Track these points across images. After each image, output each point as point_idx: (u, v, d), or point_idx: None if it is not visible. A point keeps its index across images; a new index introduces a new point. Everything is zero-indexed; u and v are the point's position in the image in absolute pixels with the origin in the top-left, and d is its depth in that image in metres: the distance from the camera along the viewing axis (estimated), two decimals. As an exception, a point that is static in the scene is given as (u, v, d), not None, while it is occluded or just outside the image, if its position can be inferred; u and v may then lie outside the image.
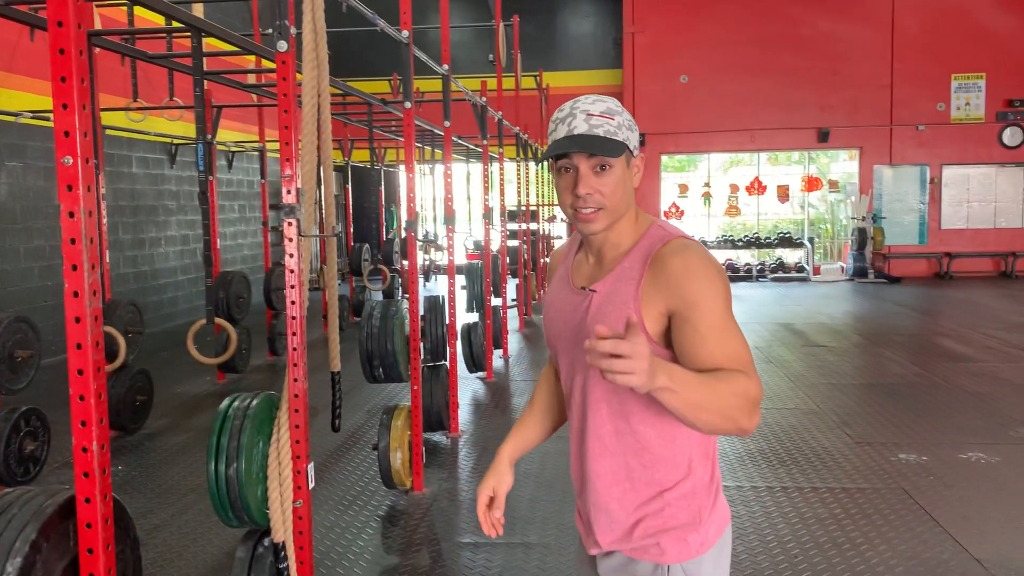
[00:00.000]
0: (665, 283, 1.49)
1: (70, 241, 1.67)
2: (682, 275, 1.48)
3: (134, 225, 10.22)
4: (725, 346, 1.46)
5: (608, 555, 1.66)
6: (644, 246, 1.56)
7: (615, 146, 1.52)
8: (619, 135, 1.53)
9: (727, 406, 1.39)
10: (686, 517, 1.57)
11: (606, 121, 1.53)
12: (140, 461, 5.19)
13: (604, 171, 1.53)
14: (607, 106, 1.55)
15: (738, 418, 1.41)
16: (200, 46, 3.94)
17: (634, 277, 1.54)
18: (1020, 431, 5.48)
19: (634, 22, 16.66)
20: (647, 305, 1.51)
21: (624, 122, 1.55)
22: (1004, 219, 16.49)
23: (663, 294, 1.50)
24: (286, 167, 2.72)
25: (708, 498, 1.60)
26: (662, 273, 1.50)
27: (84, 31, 1.66)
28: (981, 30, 16.03)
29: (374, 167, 11.61)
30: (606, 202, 1.54)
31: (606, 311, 1.55)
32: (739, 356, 1.47)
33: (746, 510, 4.21)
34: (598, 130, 1.52)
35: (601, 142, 1.51)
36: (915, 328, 10.22)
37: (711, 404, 1.38)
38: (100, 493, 1.71)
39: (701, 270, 1.49)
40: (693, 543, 1.57)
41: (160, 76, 8.85)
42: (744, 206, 17.49)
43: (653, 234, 1.58)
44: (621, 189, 1.55)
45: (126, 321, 5.58)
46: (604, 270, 1.60)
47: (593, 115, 1.53)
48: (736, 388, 1.41)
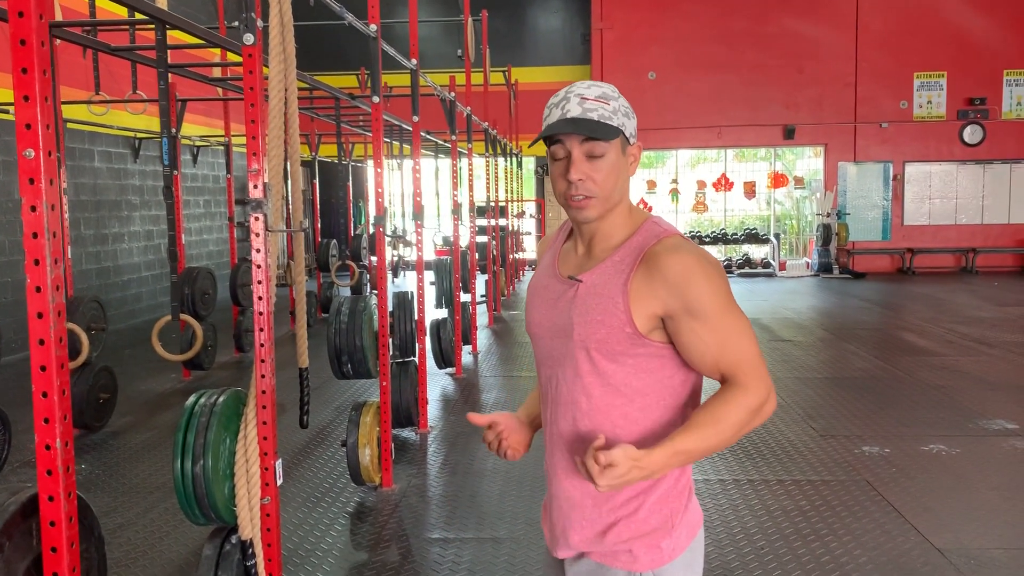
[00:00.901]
0: (662, 284, 1.48)
1: (32, 235, 1.65)
2: (681, 279, 1.47)
3: (96, 220, 10.06)
4: (728, 352, 1.48)
5: (577, 559, 1.62)
6: (637, 241, 1.54)
7: (609, 130, 1.49)
8: (614, 120, 1.50)
9: (733, 434, 1.47)
10: (658, 521, 1.56)
11: (601, 105, 1.50)
12: (104, 459, 5.12)
13: (597, 157, 1.51)
14: (603, 91, 1.53)
15: (748, 430, 1.49)
16: (164, 38, 3.88)
17: (624, 271, 1.51)
18: (979, 423, 5.60)
19: (602, 18, 16.71)
20: (636, 301, 1.49)
21: (620, 107, 1.52)
22: (964, 215, 16.80)
23: (659, 296, 1.48)
24: (253, 161, 2.69)
25: (681, 502, 1.58)
26: (657, 272, 1.48)
27: (46, 22, 1.63)
28: (943, 29, 16.31)
29: (342, 162, 11.53)
30: (598, 189, 1.51)
31: (590, 302, 1.53)
32: (743, 359, 1.48)
33: (713, 503, 4.25)
34: (592, 114, 1.50)
35: (594, 125, 1.49)
36: (878, 323, 10.39)
37: (718, 443, 1.47)
38: (64, 491, 1.69)
39: (700, 272, 1.48)
40: (666, 548, 1.55)
41: (123, 69, 8.69)
42: (711, 202, 17.64)
43: (647, 229, 1.56)
44: (614, 177, 1.52)
45: (89, 318, 5.49)
46: (593, 261, 1.58)
47: (588, 99, 1.51)
48: (736, 417, 1.46)
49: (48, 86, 1.63)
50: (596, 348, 1.52)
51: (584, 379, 1.55)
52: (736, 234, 17.30)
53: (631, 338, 1.50)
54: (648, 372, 1.53)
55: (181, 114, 7.74)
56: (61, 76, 7.39)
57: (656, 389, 1.54)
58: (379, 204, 4.43)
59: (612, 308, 1.50)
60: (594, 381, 1.54)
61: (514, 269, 14.83)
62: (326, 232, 16.69)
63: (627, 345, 1.51)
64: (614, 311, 1.50)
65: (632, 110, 1.57)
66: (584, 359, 1.54)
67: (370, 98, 4.44)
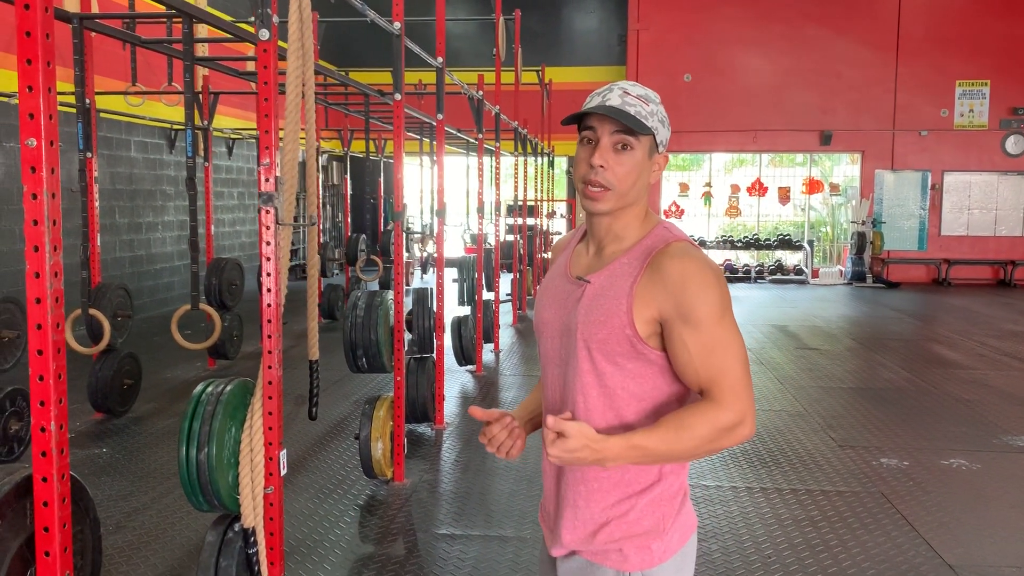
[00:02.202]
0: (661, 287, 1.48)
1: (32, 222, 1.69)
2: (677, 283, 1.47)
3: (131, 209, 10.23)
4: (711, 366, 1.46)
5: (568, 557, 1.64)
6: (646, 245, 1.55)
7: (641, 127, 1.51)
8: (649, 121, 1.52)
9: (695, 447, 1.45)
10: (650, 523, 1.56)
11: (640, 104, 1.52)
12: (125, 444, 5.21)
13: (624, 150, 1.52)
14: (646, 93, 1.55)
15: (715, 448, 1.46)
16: (191, 31, 3.95)
17: (631, 274, 1.52)
18: (1004, 439, 5.49)
19: (639, 19, 16.63)
20: (639, 305, 1.49)
21: (657, 113, 1.54)
22: (1004, 227, 16.47)
23: (658, 299, 1.48)
24: (265, 155, 2.73)
25: (674, 505, 1.58)
26: (658, 275, 1.49)
27: (51, 14, 1.67)
28: (986, 37, 15.99)
29: (370, 158, 11.60)
30: (616, 182, 1.52)
31: (596, 303, 1.54)
32: (724, 375, 1.46)
33: (724, 510, 4.22)
34: (630, 108, 1.51)
35: (629, 118, 1.50)
36: (909, 334, 10.22)
37: (679, 451, 1.45)
38: (57, 472, 1.73)
39: (698, 278, 1.47)
40: (656, 550, 1.56)
41: (161, 61, 8.86)
42: (745, 207, 17.47)
43: (656, 234, 1.56)
44: (635, 175, 1.53)
45: (115, 305, 5.59)
46: (602, 262, 1.59)
47: (630, 95, 1.53)
48: (702, 429, 1.44)
49: (52, 77, 1.67)
50: (597, 348, 1.53)
51: (583, 378, 1.56)
52: (769, 240, 17.12)
53: (630, 340, 1.50)
54: (645, 378, 1.54)
55: (213, 106, 7.85)
56: (101, 67, 7.54)
57: (652, 396, 1.54)
58: (398, 200, 4.46)
59: (616, 309, 1.51)
60: (592, 381, 1.55)
61: (542, 268, 14.82)
62: (356, 227, 16.81)
63: (626, 347, 1.51)
64: (617, 312, 1.51)
65: (668, 121, 1.58)
66: (585, 358, 1.55)
67: (393, 95, 4.47)
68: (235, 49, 10.26)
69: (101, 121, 9.09)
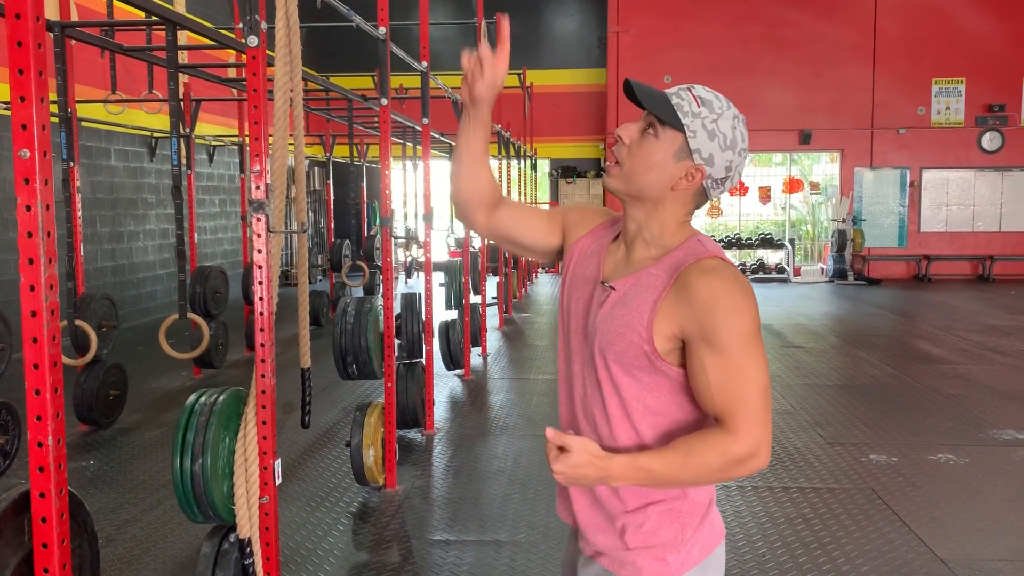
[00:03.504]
0: (687, 306, 1.41)
1: (26, 235, 1.66)
2: (705, 304, 1.39)
3: (112, 218, 10.14)
4: (729, 393, 1.39)
5: (588, 562, 1.58)
6: (676, 257, 1.47)
7: (670, 115, 1.42)
8: (687, 119, 1.43)
9: (702, 474, 1.40)
10: (669, 534, 1.49)
11: (691, 102, 1.44)
12: (112, 456, 5.16)
13: (648, 135, 1.46)
14: (709, 99, 1.45)
15: (723, 479, 1.41)
16: (175, 39, 3.92)
17: (657, 287, 1.45)
18: (989, 433, 5.55)
19: (618, 22, 16.69)
20: (661, 321, 1.43)
21: (707, 120, 1.43)
22: (982, 223, 16.65)
23: (682, 317, 1.41)
24: (255, 162, 2.71)
25: (696, 516, 1.51)
26: (684, 293, 1.41)
27: (43, 24, 1.65)
28: (961, 35, 16.18)
29: (354, 163, 11.57)
30: (626, 160, 1.48)
31: (617, 311, 1.48)
32: (741, 405, 1.38)
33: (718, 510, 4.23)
34: (674, 98, 1.44)
35: (662, 103, 1.43)
36: (892, 330, 10.31)
37: (683, 477, 1.40)
38: (55, 488, 1.71)
39: (727, 300, 1.39)
40: (673, 563, 1.49)
41: (141, 68, 8.79)
42: (726, 207, 17.57)
43: (688, 247, 1.48)
44: (647, 164, 1.46)
45: (100, 315, 5.54)
46: (629, 268, 1.52)
47: (691, 91, 1.45)
48: (711, 457, 1.38)
49: (44, 87, 1.65)
50: (613, 359, 1.48)
51: (602, 386, 1.51)
52: (751, 239, 17.22)
53: (647, 356, 1.45)
54: (662, 393, 1.48)
55: (195, 114, 7.80)
56: (79, 75, 7.47)
57: (668, 411, 1.49)
58: (386, 205, 4.45)
59: (636, 323, 1.45)
60: (609, 390, 1.50)
61: (526, 271, 14.83)
62: (340, 233, 16.75)
63: (643, 362, 1.46)
64: (637, 327, 1.45)
65: (729, 143, 1.45)
66: (601, 366, 1.51)
67: (379, 100, 4.46)
68: (215, 56, 10.20)
69: (81, 130, 9.01)
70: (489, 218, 1.70)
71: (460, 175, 1.66)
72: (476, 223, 1.72)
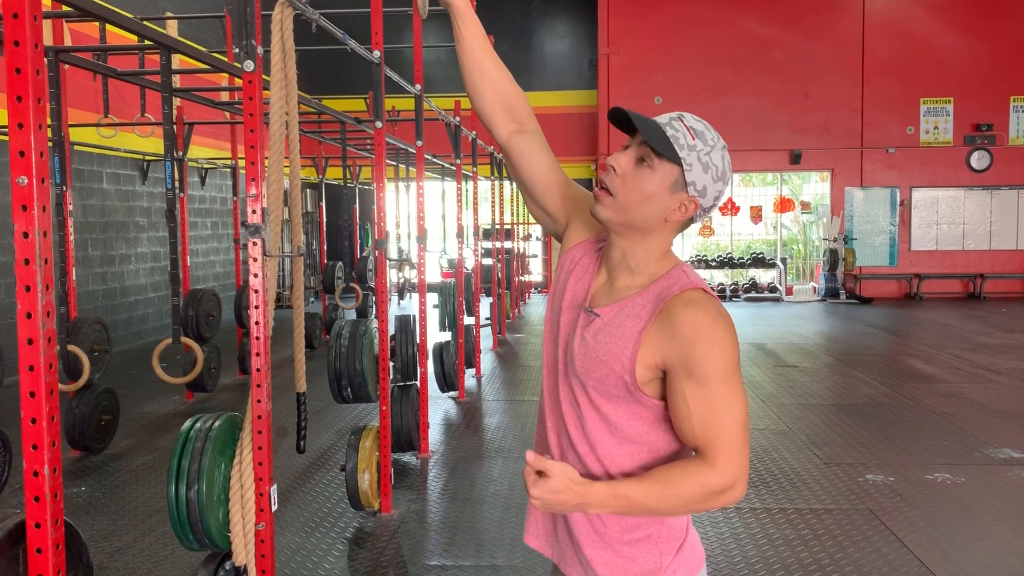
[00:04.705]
0: (670, 337, 1.41)
1: (24, 261, 1.65)
2: (688, 335, 1.39)
3: (104, 241, 10.11)
4: (710, 425, 1.39)
5: None
6: (660, 286, 1.47)
7: (668, 149, 1.42)
8: (683, 153, 1.42)
9: (679, 504, 1.40)
10: (650, 563, 1.50)
11: (686, 134, 1.43)
12: (104, 482, 5.10)
13: (643, 166, 1.44)
14: (702, 129, 1.45)
15: (701, 508, 1.41)
16: (169, 63, 3.92)
17: (642, 317, 1.45)
18: (985, 451, 5.55)
19: (609, 44, 16.82)
20: (644, 352, 1.43)
21: (702, 151, 1.43)
22: (972, 241, 16.75)
23: (664, 348, 1.42)
24: (251, 186, 2.71)
25: (675, 542, 1.52)
26: (669, 326, 1.41)
27: (41, 51, 1.65)
28: (948, 55, 16.36)
29: (347, 185, 11.58)
30: (620, 191, 1.45)
31: (600, 339, 1.47)
32: (721, 438, 1.39)
33: (715, 531, 4.21)
34: (668, 130, 1.43)
35: (659, 135, 1.42)
36: (885, 348, 10.33)
37: (661, 507, 1.40)
38: (51, 518, 1.68)
39: (709, 333, 1.39)
40: None
41: (133, 92, 8.80)
42: (718, 226, 17.64)
43: (672, 277, 1.48)
44: (643, 196, 1.44)
45: (92, 339, 5.50)
46: (613, 295, 1.51)
47: (682, 121, 1.44)
48: (690, 488, 1.38)
49: (43, 114, 1.65)
50: (593, 386, 1.48)
51: (582, 412, 1.51)
52: (742, 258, 17.28)
53: (627, 386, 1.45)
54: (640, 422, 1.48)
55: (188, 137, 7.80)
56: (71, 99, 7.46)
57: (646, 440, 1.49)
58: (381, 228, 4.44)
59: (619, 353, 1.45)
60: (590, 417, 1.50)
61: (519, 292, 14.83)
62: (332, 255, 16.74)
63: (623, 391, 1.46)
64: (619, 357, 1.45)
65: (720, 175, 1.46)
66: (580, 392, 1.51)
67: (373, 122, 4.47)
68: (207, 79, 10.21)
69: (73, 153, 9.00)
70: (511, 135, 1.69)
71: (471, 83, 1.68)
72: (497, 131, 1.70)
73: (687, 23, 16.68)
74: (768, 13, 16.54)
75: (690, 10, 16.67)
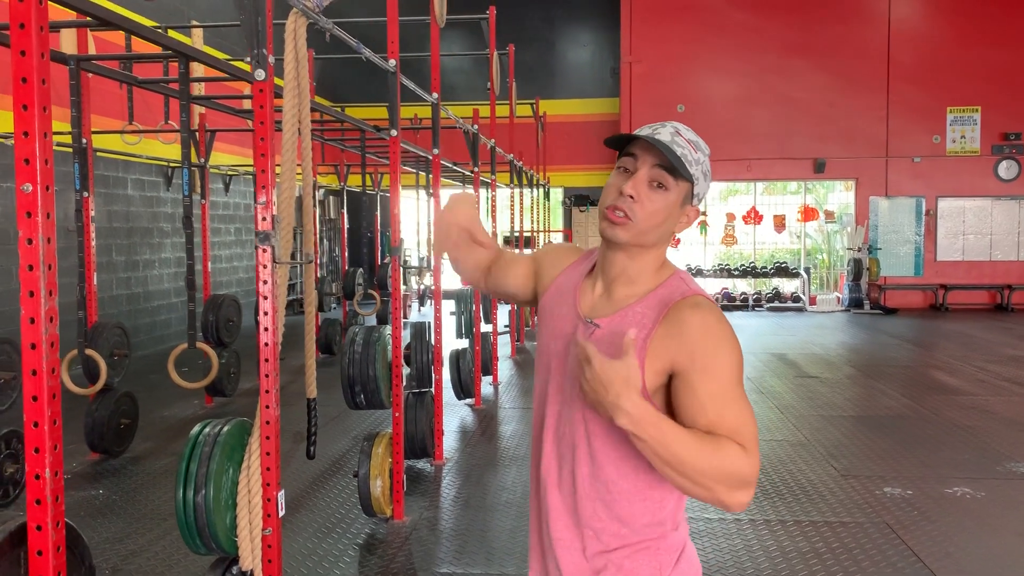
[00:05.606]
0: (678, 338, 1.41)
1: (27, 268, 1.68)
2: (698, 334, 1.41)
3: (128, 247, 10.24)
4: (726, 417, 1.38)
5: None
6: (661, 294, 1.48)
7: (684, 168, 1.46)
8: (692, 168, 1.47)
9: (703, 473, 1.33)
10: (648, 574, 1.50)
11: (690, 150, 1.48)
12: (122, 485, 5.16)
13: (658, 189, 1.47)
14: (697, 140, 1.51)
15: (716, 489, 1.34)
16: (187, 72, 3.98)
17: (646, 325, 1.45)
18: (1007, 466, 5.46)
19: (631, 52, 16.79)
20: (651, 358, 1.43)
21: (703, 164, 1.50)
22: (1000, 252, 16.52)
23: (672, 349, 1.42)
24: (261, 194, 2.73)
25: (673, 554, 1.52)
26: (676, 327, 1.42)
27: (47, 61, 1.67)
28: (976, 64, 16.16)
29: (366, 192, 11.65)
30: (641, 217, 1.47)
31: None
32: (741, 430, 1.37)
33: (727, 543, 4.17)
34: (677, 149, 1.46)
35: (675, 157, 1.45)
36: (908, 360, 10.20)
37: (684, 466, 1.33)
38: (52, 521, 1.70)
39: (718, 333, 1.42)
40: None
41: (158, 100, 8.92)
42: (741, 235, 17.53)
43: (672, 285, 1.50)
44: (662, 217, 1.48)
45: (112, 344, 5.57)
46: (612, 306, 1.52)
47: (681, 135, 1.48)
48: (722, 458, 1.33)
49: (47, 122, 1.67)
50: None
51: (587, 425, 1.50)
52: (766, 268, 17.16)
53: None
54: None
55: (210, 144, 7.88)
56: (98, 106, 7.58)
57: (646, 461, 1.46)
58: (395, 235, 4.46)
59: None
60: (595, 429, 1.49)
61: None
62: (354, 261, 16.83)
63: None
64: None
65: (710, 178, 1.54)
66: (584, 407, 1.50)
67: (389, 131, 4.49)
68: (232, 87, 10.33)
69: (98, 159, 9.13)
70: (487, 284, 1.86)
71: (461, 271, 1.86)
72: (480, 288, 1.91)
73: (710, 31, 16.62)
74: (792, 21, 16.44)
75: (713, 18, 16.61)
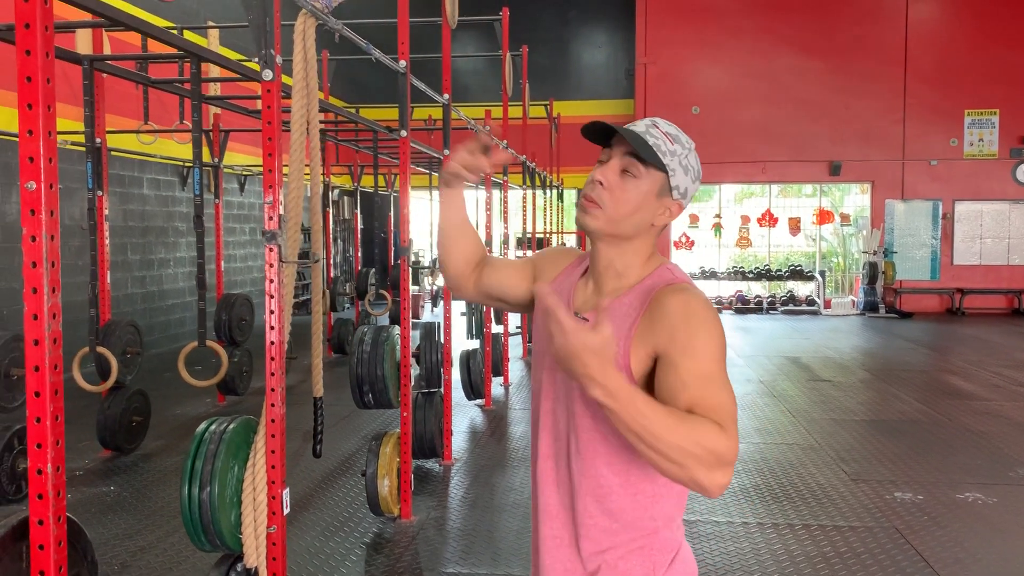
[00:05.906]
0: (660, 322, 1.41)
1: (31, 264, 1.69)
2: (679, 317, 1.39)
3: (143, 246, 10.31)
4: (706, 397, 1.33)
5: None
6: (647, 285, 1.50)
7: (652, 155, 1.45)
8: (666, 159, 1.46)
9: (677, 448, 1.24)
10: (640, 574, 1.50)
11: (665, 141, 1.47)
12: (133, 482, 5.19)
13: (629, 176, 1.47)
14: (676, 134, 1.49)
15: (692, 468, 1.25)
16: (199, 72, 4.00)
17: (631, 315, 1.46)
18: (1020, 471, 5.41)
19: (646, 53, 16.77)
20: (637, 346, 1.44)
21: (681, 157, 1.48)
22: (1017, 256, 16.37)
23: (656, 332, 1.41)
24: (268, 193, 2.74)
25: (667, 554, 1.51)
26: (659, 312, 1.42)
27: (52, 59, 1.69)
28: (993, 67, 16.03)
29: (379, 192, 11.68)
30: (610, 204, 1.47)
31: None
32: (719, 410, 1.32)
33: (735, 547, 4.16)
34: (649, 138, 1.46)
35: (642, 144, 1.44)
36: (922, 364, 10.13)
37: (657, 440, 1.24)
38: (53, 515, 1.72)
39: (700, 314, 1.40)
40: None
41: (173, 99, 8.97)
42: (756, 238, 17.46)
43: (658, 275, 1.51)
44: (632, 205, 1.47)
45: (124, 342, 5.61)
46: (602, 299, 1.52)
47: (657, 127, 1.48)
48: (699, 435, 1.25)
49: (52, 121, 1.69)
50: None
51: (578, 419, 1.51)
52: (780, 270, 17.08)
53: None
54: None
55: (224, 144, 7.93)
56: (114, 106, 7.64)
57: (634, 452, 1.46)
58: (404, 236, 4.48)
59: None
60: (585, 423, 1.50)
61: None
62: (367, 261, 16.88)
63: None
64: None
65: (697, 175, 1.51)
66: (578, 398, 1.51)
67: (399, 132, 4.51)
68: (246, 87, 10.38)
69: (114, 159, 9.20)
70: (476, 285, 1.78)
71: (447, 247, 1.76)
72: (466, 292, 1.80)
73: (725, 33, 16.57)
74: (807, 23, 16.37)
75: (728, 20, 16.56)
